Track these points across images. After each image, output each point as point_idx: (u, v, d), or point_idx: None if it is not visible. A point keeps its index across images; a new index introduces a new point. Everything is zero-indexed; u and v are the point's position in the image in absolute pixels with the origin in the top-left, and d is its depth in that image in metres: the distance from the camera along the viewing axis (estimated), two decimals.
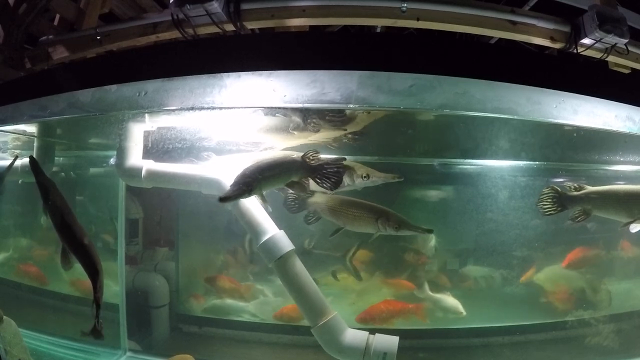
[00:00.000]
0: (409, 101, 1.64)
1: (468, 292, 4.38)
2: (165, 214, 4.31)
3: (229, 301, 4.17)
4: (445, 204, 4.58)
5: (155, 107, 1.97)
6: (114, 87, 2.17)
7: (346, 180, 2.83)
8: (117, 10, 5.48)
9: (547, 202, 2.88)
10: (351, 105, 1.61)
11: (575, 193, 2.88)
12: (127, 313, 3.43)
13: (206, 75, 1.77)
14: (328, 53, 1.71)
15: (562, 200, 2.87)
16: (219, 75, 1.73)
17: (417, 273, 4.34)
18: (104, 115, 2.31)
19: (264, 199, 2.59)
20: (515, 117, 1.97)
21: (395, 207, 4.75)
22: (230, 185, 2.28)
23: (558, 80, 2.39)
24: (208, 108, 1.76)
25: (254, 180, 2.29)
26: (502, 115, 1.90)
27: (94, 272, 2.40)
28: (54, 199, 2.46)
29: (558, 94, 2.25)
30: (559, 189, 2.91)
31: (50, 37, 4.87)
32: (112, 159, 3.58)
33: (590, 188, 2.89)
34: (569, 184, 2.93)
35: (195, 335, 4.02)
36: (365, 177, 2.87)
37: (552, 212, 2.88)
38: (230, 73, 1.70)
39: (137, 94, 2.05)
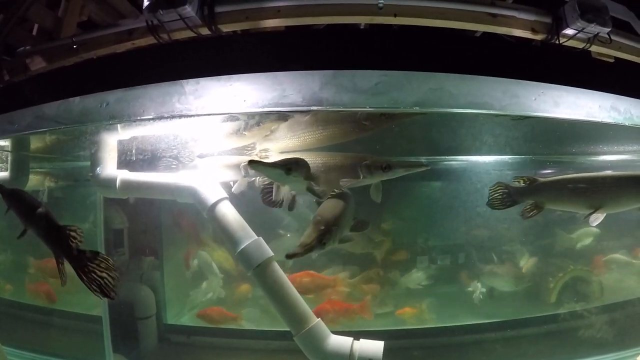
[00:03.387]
0: (376, 100, 1.57)
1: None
2: (150, 222, 4.24)
3: None
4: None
5: (117, 118, 1.91)
6: (77, 99, 2.11)
7: (362, 173, 2.61)
8: (96, 17, 5.40)
9: (496, 197, 2.74)
10: (314, 108, 1.56)
11: (525, 186, 2.74)
12: (111, 326, 3.35)
13: (166, 82, 1.72)
14: (289, 54, 1.65)
15: (511, 195, 2.74)
16: (178, 82, 1.67)
17: None
18: (69, 128, 2.23)
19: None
20: (492, 112, 1.91)
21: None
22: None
23: (538, 71, 2.34)
24: (167, 117, 1.70)
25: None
26: (477, 111, 1.84)
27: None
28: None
29: (537, 85, 2.18)
30: (507, 183, 2.77)
31: (28, 47, 4.78)
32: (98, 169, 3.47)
33: (541, 179, 2.76)
34: (520, 177, 2.78)
35: (184, 345, 3.96)
36: (385, 168, 2.58)
37: (501, 207, 2.74)
38: (189, 80, 1.64)
39: (100, 105, 1.99)
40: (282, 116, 2.34)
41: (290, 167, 2.10)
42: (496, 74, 2.02)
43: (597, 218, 2.56)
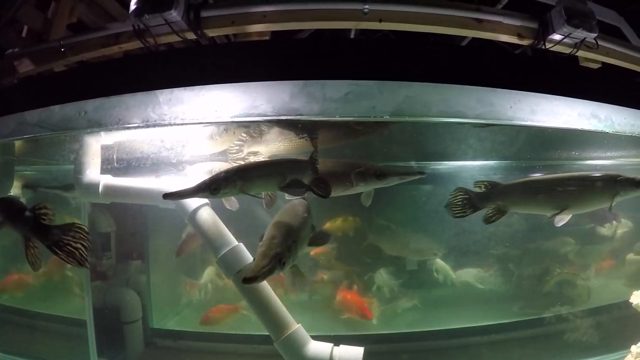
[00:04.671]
0: (346, 109, 1.58)
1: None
2: (138, 225, 4.24)
3: None
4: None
5: (95, 127, 1.92)
6: (57, 107, 2.12)
7: (356, 180, 2.52)
8: (86, 19, 5.39)
9: (456, 204, 2.66)
10: (284, 117, 1.57)
11: (486, 191, 2.67)
12: (96, 329, 3.35)
13: (141, 92, 1.73)
14: (260, 63, 1.66)
15: (472, 201, 2.66)
16: (152, 92, 1.68)
17: None
18: (49, 135, 2.24)
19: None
20: (465, 121, 1.92)
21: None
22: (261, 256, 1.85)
23: (519, 80, 2.33)
24: (142, 126, 1.71)
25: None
26: (450, 120, 1.85)
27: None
28: None
29: (513, 93, 2.17)
30: (468, 189, 2.68)
31: (16, 49, 4.77)
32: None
33: (503, 183, 2.70)
34: (480, 182, 2.69)
35: (170, 349, 3.96)
36: (380, 175, 2.50)
37: (463, 214, 2.66)
38: (163, 90, 1.65)
39: (78, 114, 2.00)
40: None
41: (215, 187, 1.96)
42: (475, 82, 2.02)
43: (562, 219, 2.53)
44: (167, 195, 1.96)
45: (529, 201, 2.65)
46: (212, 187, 1.97)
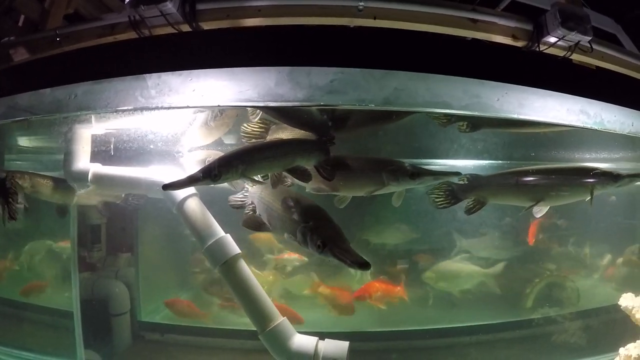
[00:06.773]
0: (331, 97, 1.58)
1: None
2: (129, 217, 4.21)
3: None
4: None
5: (84, 110, 1.92)
6: (48, 90, 2.12)
7: (388, 179, 2.38)
8: (83, 10, 5.39)
9: (438, 195, 2.67)
10: (271, 103, 1.57)
11: (467, 183, 2.69)
12: (83, 321, 3.33)
13: (130, 76, 1.73)
14: (247, 49, 1.66)
15: (454, 192, 2.68)
16: (141, 76, 1.68)
17: None
18: (39, 118, 2.24)
19: None
20: (450, 112, 1.91)
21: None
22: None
23: (506, 72, 2.33)
24: (131, 110, 1.71)
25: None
26: (435, 110, 1.85)
27: None
28: None
29: (500, 86, 2.16)
30: (449, 181, 2.67)
31: (12, 38, 4.76)
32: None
33: (483, 175, 2.74)
34: (462, 175, 2.69)
35: (158, 342, 3.93)
36: (413, 175, 2.33)
37: (445, 205, 2.67)
38: (152, 74, 1.65)
39: (68, 97, 2.00)
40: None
41: (215, 173, 1.90)
42: (461, 73, 2.00)
43: (540, 210, 2.57)
44: (167, 186, 1.90)
45: (507, 193, 2.69)
46: (212, 174, 1.91)
